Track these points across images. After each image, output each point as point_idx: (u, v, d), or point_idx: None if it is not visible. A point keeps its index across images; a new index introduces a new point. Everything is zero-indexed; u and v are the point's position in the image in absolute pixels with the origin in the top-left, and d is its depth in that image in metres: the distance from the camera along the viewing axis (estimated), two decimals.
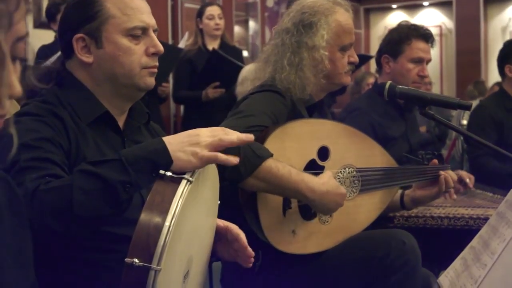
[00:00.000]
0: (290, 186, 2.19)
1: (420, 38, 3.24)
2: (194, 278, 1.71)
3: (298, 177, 2.21)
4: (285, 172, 2.18)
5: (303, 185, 2.20)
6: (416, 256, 2.37)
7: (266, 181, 2.17)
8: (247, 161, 2.12)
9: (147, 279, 1.37)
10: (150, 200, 1.45)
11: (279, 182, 2.18)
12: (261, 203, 2.26)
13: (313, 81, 2.48)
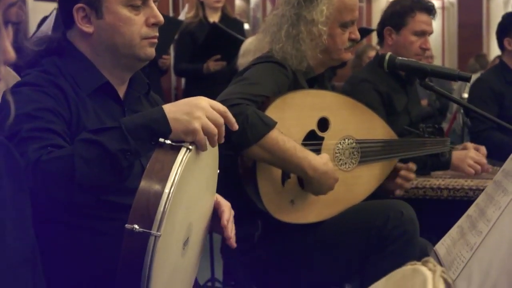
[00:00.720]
0: (293, 161, 2.22)
1: (424, 11, 3.23)
2: (194, 246, 1.73)
3: (302, 154, 2.24)
4: (290, 146, 2.21)
5: (306, 162, 2.23)
6: (414, 226, 2.39)
7: (271, 152, 2.19)
8: (254, 128, 2.15)
9: (147, 245, 1.39)
10: (150, 167, 1.47)
11: (283, 155, 2.21)
12: (260, 173, 2.28)
13: (310, 54, 2.48)
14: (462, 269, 1.35)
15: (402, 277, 1.08)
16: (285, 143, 2.20)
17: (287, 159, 2.22)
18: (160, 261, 1.43)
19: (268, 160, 2.24)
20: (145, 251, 1.39)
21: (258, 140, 2.17)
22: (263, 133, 2.17)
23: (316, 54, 2.49)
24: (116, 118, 1.74)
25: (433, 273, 0.99)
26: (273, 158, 2.22)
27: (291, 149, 2.22)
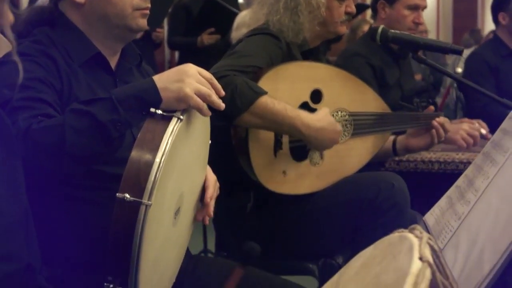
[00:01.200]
0: (285, 121, 2.22)
1: None
2: (186, 216, 1.75)
3: (293, 113, 2.25)
4: (280, 107, 2.22)
5: (298, 121, 2.24)
6: (405, 198, 2.40)
7: (262, 117, 2.20)
8: (244, 96, 2.16)
9: (138, 214, 1.40)
10: (141, 137, 1.47)
11: (275, 118, 2.21)
12: (252, 144, 2.29)
13: (307, 27, 2.49)
14: (450, 238, 1.37)
15: (389, 244, 1.09)
16: (275, 106, 2.21)
17: (279, 121, 2.22)
18: (151, 230, 1.44)
19: (260, 126, 2.25)
20: (136, 220, 1.40)
21: (248, 107, 2.18)
22: (252, 100, 2.18)
23: (314, 27, 2.50)
24: (108, 89, 1.75)
25: (420, 239, 1.00)
26: (265, 123, 2.23)
27: (282, 111, 2.22)
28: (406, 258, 0.96)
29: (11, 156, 1.23)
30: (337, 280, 1.20)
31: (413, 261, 0.93)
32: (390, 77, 3.15)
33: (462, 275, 1.25)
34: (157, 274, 1.61)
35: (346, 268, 1.21)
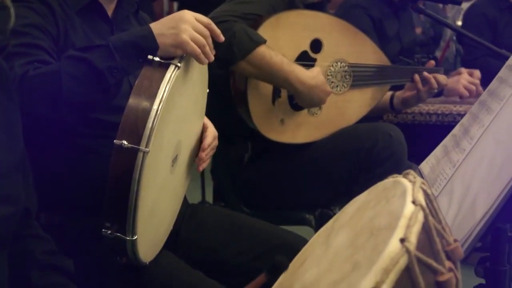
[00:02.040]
0: (280, 75, 2.23)
1: None
2: (183, 164, 1.76)
3: (289, 67, 2.25)
4: (277, 60, 2.22)
5: (293, 76, 2.24)
6: (402, 149, 2.41)
7: (258, 67, 2.20)
8: (241, 44, 2.15)
9: (135, 161, 1.40)
10: (139, 84, 1.47)
11: (270, 70, 2.21)
12: (251, 91, 2.29)
13: None
14: (444, 185, 1.38)
15: (383, 189, 1.11)
16: (272, 58, 2.21)
17: (274, 74, 2.23)
18: (148, 177, 1.45)
19: (255, 75, 2.26)
20: (134, 167, 1.41)
21: (245, 56, 2.18)
22: (249, 49, 2.18)
23: None
24: (104, 37, 1.74)
25: (413, 184, 1.01)
26: (260, 73, 2.23)
27: (278, 63, 2.22)
28: (399, 201, 0.97)
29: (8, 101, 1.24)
30: (331, 225, 1.21)
31: (406, 204, 0.94)
32: (389, 29, 3.13)
33: (455, 221, 1.27)
34: (155, 221, 1.63)
35: (340, 213, 1.23)
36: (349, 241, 1.04)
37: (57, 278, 1.41)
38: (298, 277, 1.13)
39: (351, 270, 0.93)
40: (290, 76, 2.24)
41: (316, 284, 1.01)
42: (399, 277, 0.86)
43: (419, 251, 0.89)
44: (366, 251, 0.94)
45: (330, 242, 1.13)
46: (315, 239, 1.24)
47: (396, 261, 0.86)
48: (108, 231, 1.47)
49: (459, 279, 0.95)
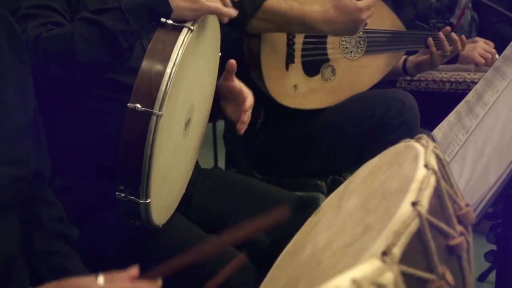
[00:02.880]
0: (294, 21, 2.19)
1: None
2: (196, 127, 1.76)
3: (300, 11, 2.19)
4: (287, 7, 2.18)
5: (306, 18, 2.19)
6: (415, 116, 2.40)
7: (270, 20, 2.18)
8: (251, 1, 2.13)
9: (149, 124, 1.41)
10: (152, 47, 1.47)
11: (283, 19, 2.18)
12: (264, 56, 2.28)
13: None
14: (457, 151, 1.38)
15: (395, 153, 1.11)
16: (281, 6, 2.17)
17: (288, 22, 2.18)
18: (162, 140, 1.45)
19: (271, 29, 2.23)
20: (147, 130, 1.41)
21: (255, 12, 2.14)
22: (258, 4, 2.15)
23: None
24: None
25: (426, 148, 1.01)
26: (275, 26, 2.20)
27: (288, 10, 2.18)
28: (411, 165, 0.97)
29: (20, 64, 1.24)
30: (343, 189, 1.22)
31: (418, 168, 0.94)
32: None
33: (467, 187, 1.27)
34: (167, 185, 1.64)
35: (352, 177, 1.23)
36: (361, 205, 1.05)
37: (60, 245, 1.41)
38: (310, 239, 1.14)
39: (362, 233, 0.94)
40: (303, 19, 2.18)
41: (328, 247, 1.02)
42: (410, 241, 0.86)
43: (430, 215, 0.90)
44: (377, 214, 0.94)
45: (341, 206, 1.13)
46: (327, 203, 1.25)
47: (408, 224, 0.86)
48: (121, 194, 1.48)
49: (470, 244, 0.95)
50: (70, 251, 1.42)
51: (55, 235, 1.42)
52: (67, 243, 1.43)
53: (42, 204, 1.43)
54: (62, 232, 1.44)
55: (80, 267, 1.41)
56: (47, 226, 1.41)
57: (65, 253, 1.41)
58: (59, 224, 1.45)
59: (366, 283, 0.61)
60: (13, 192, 1.18)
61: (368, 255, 0.84)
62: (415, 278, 0.88)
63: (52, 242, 1.40)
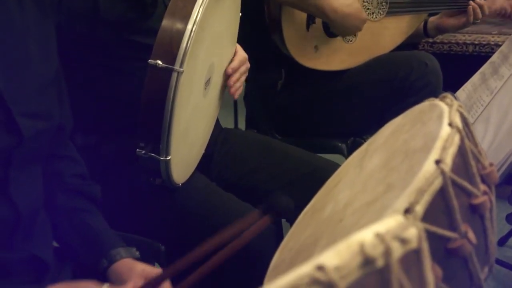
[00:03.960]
0: (313, 2, 2.18)
1: None
2: (215, 87, 1.75)
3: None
4: None
5: (326, 4, 2.19)
6: (438, 78, 2.38)
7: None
8: None
9: (170, 81, 1.40)
10: (172, 5, 1.46)
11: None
12: (285, 18, 2.26)
13: None
14: (481, 112, 1.36)
15: (419, 112, 1.10)
16: None
17: (307, 2, 2.18)
18: (182, 97, 1.45)
19: (290, 3, 2.22)
20: (168, 86, 1.40)
21: None
22: None
23: None
24: None
25: (450, 107, 1.00)
26: (293, 2, 2.19)
27: None
28: (435, 124, 0.96)
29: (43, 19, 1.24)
30: (365, 148, 1.21)
31: (442, 126, 0.93)
32: None
33: (491, 147, 1.26)
34: (188, 143, 1.63)
35: (375, 136, 1.22)
36: (383, 164, 1.04)
37: (82, 202, 1.42)
38: (331, 198, 1.13)
39: (384, 191, 0.93)
40: (324, 4, 2.19)
41: (350, 205, 1.01)
42: (433, 199, 0.86)
43: (454, 173, 0.89)
44: (400, 173, 0.94)
45: (363, 165, 1.13)
46: (349, 162, 1.24)
47: (431, 182, 0.85)
48: (142, 151, 1.48)
49: (493, 203, 0.94)
50: (92, 208, 1.43)
51: (77, 192, 1.43)
52: (89, 201, 1.44)
53: (65, 161, 1.44)
54: (84, 189, 1.44)
55: (102, 224, 1.42)
56: (70, 183, 1.42)
57: (87, 210, 1.42)
58: (81, 181, 1.45)
59: (389, 237, 0.61)
60: (37, 145, 1.19)
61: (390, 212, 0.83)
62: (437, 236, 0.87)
63: (74, 199, 1.41)
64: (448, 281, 0.92)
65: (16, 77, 1.12)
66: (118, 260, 1.31)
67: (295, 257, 1.07)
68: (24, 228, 1.19)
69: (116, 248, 1.34)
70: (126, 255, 1.33)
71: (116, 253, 1.33)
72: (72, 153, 1.48)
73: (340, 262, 0.56)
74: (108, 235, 1.39)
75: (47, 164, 1.36)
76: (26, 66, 1.17)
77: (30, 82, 1.16)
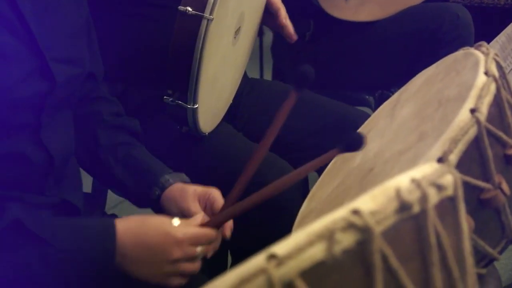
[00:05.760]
0: None
1: None
2: (245, 37, 1.73)
3: None
4: None
5: None
6: (469, 32, 2.33)
7: None
8: None
9: (199, 28, 1.39)
10: None
11: None
12: None
13: None
14: None
15: (453, 61, 1.08)
16: None
17: None
18: (211, 45, 1.44)
19: None
20: (197, 34, 1.39)
21: None
22: None
23: None
24: None
25: (486, 55, 0.98)
26: None
27: None
28: (470, 73, 0.94)
29: None
30: (397, 98, 1.20)
31: (478, 75, 0.91)
32: None
33: None
34: (215, 92, 1.63)
35: (406, 86, 1.21)
36: (416, 113, 1.02)
37: (124, 137, 1.44)
38: None
39: (417, 140, 0.92)
40: None
41: (380, 154, 1.00)
42: (467, 148, 0.85)
43: (489, 123, 0.87)
44: (433, 121, 0.92)
45: (395, 115, 1.11)
46: (379, 112, 1.23)
47: (466, 131, 0.84)
48: (169, 98, 1.47)
49: None
50: (134, 141, 1.45)
51: (117, 128, 1.44)
52: (131, 134, 1.45)
53: (100, 101, 1.45)
54: (124, 124, 1.46)
55: (147, 154, 1.43)
56: (108, 120, 1.43)
57: (130, 143, 1.43)
58: (119, 118, 1.47)
59: (426, 183, 0.60)
60: (69, 90, 1.19)
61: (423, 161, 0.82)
62: (470, 187, 0.86)
63: (116, 135, 1.43)
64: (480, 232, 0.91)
65: (47, 22, 1.12)
66: (169, 186, 1.33)
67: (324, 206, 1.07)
68: (56, 172, 1.20)
69: (164, 175, 1.35)
70: (176, 180, 1.34)
71: (166, 180, 1.34)
72: (106, 94, 1.49)
73: (376, 207, 0.56)
74: (155, 164, 1.40)
75: (83, 107, 1.37)
76: (57, 11, 1.17)
77: (61, 28, 1.16)
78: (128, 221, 1.12)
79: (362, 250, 0.55)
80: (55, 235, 1.05)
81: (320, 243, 0.52)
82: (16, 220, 1.02)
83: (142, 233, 1.10)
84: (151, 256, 1.10)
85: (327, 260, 0.53)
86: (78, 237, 1.08)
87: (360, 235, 0.54)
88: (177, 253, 1.10)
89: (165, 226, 1.12)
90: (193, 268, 1.15)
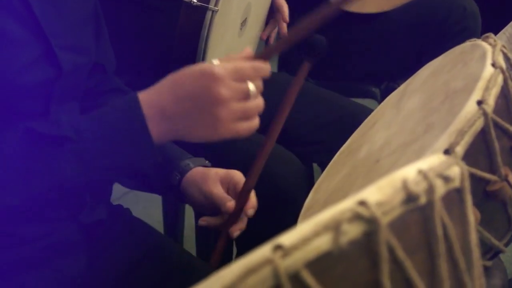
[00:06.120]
0: None
1: None
2: (252, 28, 1.73)
3: None
4: None
5: None
6: (476, 23, 2.32)
7: None
8: None
9: (204, 19, 1.39)
10: None
11: None
12: None
13: None
14: None
15: (460, 52, 1.07)
16: None
17: None
18: (216, 36, 1.43)
19: None
20: (202, 25, 1.39)
21: None
22: None
23: None
24: None
25: (493, 47, 0.97)
26: None
27: None
28: (477, 64, 0.94)
29: None
30: (403, 90, 1.19)
31: (485, 66, 0.91)
32: None
33: None
34: None
35: (413, 77, 1.20)
36: (422, 104, 1.02)
37: None
38: (367, 139, 1.12)
39: (423, 132, 0.92)
40: None
41: (386, 146, 1.00)
42: (474, 140, 0.84)
43: (496, 115, 0.87)
44: (440, 113, 0.92)
45: (401, 106, 1.11)
46: (386, 103, 1.22)
47: (472, 123, 0.84)
48: None
49: None
50: None
51: None
52: None
53: (112, 92, 1.43)
54: None
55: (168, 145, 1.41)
56: None
57: None
58: None
59: (432, 174, 0.59)
60: (75, 79, 1.19)
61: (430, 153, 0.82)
62: (477, 178, 0.86)
63: None
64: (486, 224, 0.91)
65: (53, 8, 1.11)
66: (189, 170, 1.30)
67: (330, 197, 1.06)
68: None
69: (185, 160, 1.33)
70: (196, 164, 1.32)
71: (186, 164, 1.31)
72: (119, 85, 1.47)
73: (382, 198, 0.55)
74: (174, 149, 1.37)
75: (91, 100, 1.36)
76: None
77: (66, 15, 1.15)
78: (160, 82, 1.04)
79: (369, 241, 0.54)
80: (79, 132, 0.99)
81: (327, 234, 0.52)
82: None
83: (179, 84, 1.01)
84: (197, 104, 0.99)
85: (333, 251, 0.52)
86: (103, 125, 1.00)
87: (366, 226, 0.54)
88: (224, 91, 0.98)
89: (200, 66, 1.00)
90: (256, 105, 1.07)
